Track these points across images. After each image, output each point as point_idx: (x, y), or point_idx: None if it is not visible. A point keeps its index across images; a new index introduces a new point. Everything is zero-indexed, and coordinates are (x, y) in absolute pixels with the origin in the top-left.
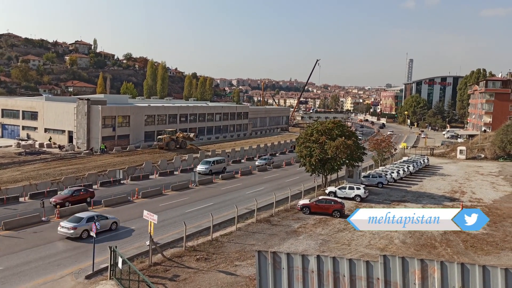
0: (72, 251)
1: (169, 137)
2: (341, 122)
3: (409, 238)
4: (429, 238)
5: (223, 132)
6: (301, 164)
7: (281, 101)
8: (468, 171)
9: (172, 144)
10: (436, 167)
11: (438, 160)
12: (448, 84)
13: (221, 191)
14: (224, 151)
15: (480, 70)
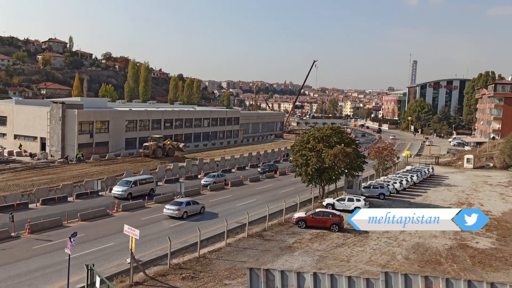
0: (45, 269)
1: (156, 144)
2: (340, 128)
3: (412, 253)
4: (433, 253)
5: (212, 139)
6: (297, 174)
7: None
8: (475, 181)
9: (159, 152)
10: (441, 177)
11: (443, 170)
12: (455, 88)
13: (209, 203)
14: (213, 160)
15: (488, 73)
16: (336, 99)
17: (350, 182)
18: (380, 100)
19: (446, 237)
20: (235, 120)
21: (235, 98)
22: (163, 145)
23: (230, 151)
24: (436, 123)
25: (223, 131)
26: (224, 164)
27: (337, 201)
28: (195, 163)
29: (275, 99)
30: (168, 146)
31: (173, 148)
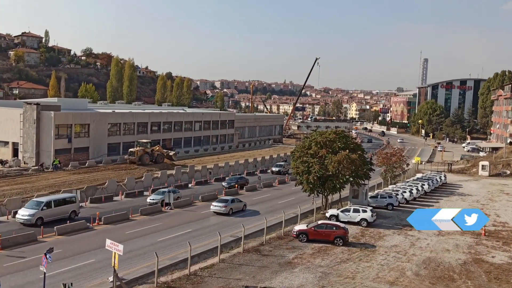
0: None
1: (143, 150)
2: (344, 133)
3: (423, 269)
4: (446, 269)
5: (204, 144)
6: (297, 183)
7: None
8: (491, 190)
9: (146, 159)
10: (454, 185)
11: (457, 177)
12: (469, 88)
13: (201, 215)
14: (205, 167)
15: (505, 72)
16: (340, 101)
17: (355, 192)
18: (388, 101)
19: (459, 251)
20: (229, 123)
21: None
22: (151, 151)
23: (224, 158)
24: (449, 127)
25: (216, 136)
26: (218, 172)
27: (341, 212)
28: (185, 171)
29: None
30: (156, 153)
31: (162, 155)
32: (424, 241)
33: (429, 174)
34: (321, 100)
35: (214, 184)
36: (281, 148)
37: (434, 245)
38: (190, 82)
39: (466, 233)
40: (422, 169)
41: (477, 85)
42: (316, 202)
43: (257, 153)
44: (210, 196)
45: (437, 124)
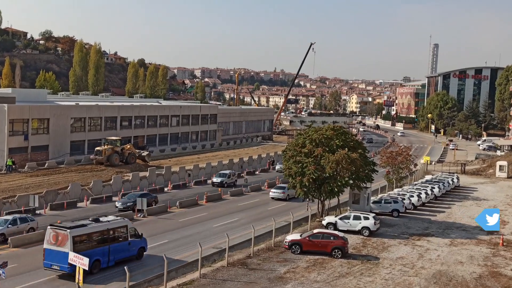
0: None
1: (112, 149)
2: (343, 129)
3: (433, 284)
4: (459, 284)
5: (183, 141)
6: (289, 186)
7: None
8: (510, 194)
9: (115, 159)
10: (468, 188)
11: (471, 180)
12: (485, 78)
13: (178, 223)
14: (183, 168)
15: None
16: (339, 92)
17: (356, 196)
18: (393, 93)
19: (474, 263)
20: (211, 118)
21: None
22: (121, 150)
23: (206, 157)
24: (462, 122)
25: (196, 132)
26: (198, 174)
27: (340, 219)
28: (160, 173)
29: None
30: (127, 152)
31: (133, 155)
32: (434, 252)
33: (440, 175)
34: (316, 92)
35: (194, 188)
36: (271, 146)
37: (445, 257)
38: (166, 70)
39: (482, 243)
40: (431, 170)
41: (494, 74)
42: (311, 208)
43: (243, 152)
44: (190, 202)
45: (449, 119)
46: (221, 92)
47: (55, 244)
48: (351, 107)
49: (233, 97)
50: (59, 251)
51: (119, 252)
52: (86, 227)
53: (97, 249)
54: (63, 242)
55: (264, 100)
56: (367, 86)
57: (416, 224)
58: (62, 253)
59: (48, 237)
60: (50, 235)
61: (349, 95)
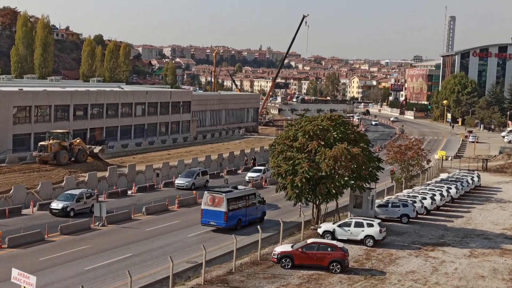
0: None
1: (59, 144)
2: (342, 118)
3: None
4: None
5: (150, 134)
6: (279, 187)
7: (246, 83)
8: None
9: (64, 156)
10: (491, 188)
11: (494, 178)
12: (510, 57)
13: (145, 233)
14: (151, 167)
15: None
16: (337, 74)
17: (358, 199)
18: (402, 75)
19: (498, 277)
20: (184, 106)
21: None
22: (69, 145)
23: (178, 154)
24: (484, 110)
25: (166, 123)
26: (169, 174)
27: (339, 227)
28: (123, 173)
29: (246, 73)
30: (77, 147)
31: (84, 151)
32: (450, 265)
33: (458, 173)
34: (310, 74)
35: (163, 191)
36: (256, 140)
37: (464, 270)
38: (128, 48)
39: (507, 254)
40: (447, 167)
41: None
42: (305, 214)
43: (223, 147)
44: (158, 207)
45: (468, 106)
46: (196, 75)
47: (211, 205)
48: (352, 92)
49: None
50: (216, 210)
51: (251, 214)
52: (234, 192)
53: (240, 210)
54: (219, 203)
55: (248, 84)
56: (371, 67)
57: (430, 231)
58: (218, 212)
59: (205, 200)
60: (207, 198)
61: (350, 78)
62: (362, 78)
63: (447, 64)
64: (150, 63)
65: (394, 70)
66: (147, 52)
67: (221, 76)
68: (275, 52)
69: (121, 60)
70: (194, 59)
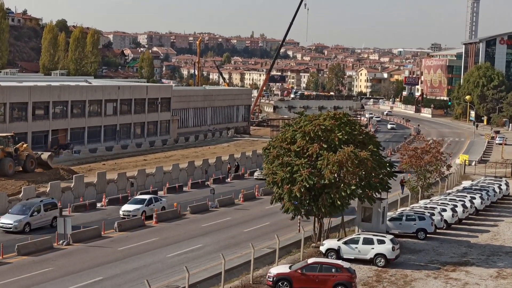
0: None
1: (2, 151)
2: (348, 117)
3: None
4: None
5: (123, 137)
6: (274, 198)
7: (235, 76)
8: None
9: (9, 165)
10: None
11: None
12: None
13: (117, 253)
14: (124, 176)
15: None
16: (342, 65)
17: (367, 211)
18: (418, 66)
19: None
20: (163, 104)
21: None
22: (14, 152)
23: (156, 160)
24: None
25: (141, 124)
26: (145, 183)
27: (345, 244)
28: (91, 182)
29: (236, 64)
30: (24, 154)
31: (32, 157)
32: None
33: (483, 181)
34: (311, 65)
35: None
36: (247, 142)
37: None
38: (97, 36)
39: None
40: (471, 174)
41: None
42: (305, 229)
43: (208, 151)
44: (133, 223)
45: (495, 102)
46: (177, 67)
47: None
48: (360, 87)
49: (194, 73)
50: None
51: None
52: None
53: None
54: None
55: (238, 77)
56: (381, 57)
57: (450, 249)
58: None
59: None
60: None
61: (357, 69)
62: (371, 70)
63: (470, 53)
64: (123, 53)
65: (409, 61)
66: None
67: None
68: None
69: (88, 49)
70: (174, 48)
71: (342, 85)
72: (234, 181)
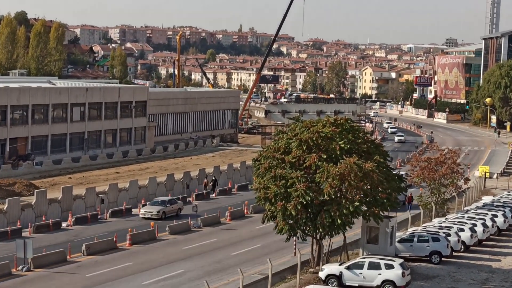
0: None
1: None
2: (350, 123)
3: None
4: None
5: (91, 146)
6: (266, 217)
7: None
8: None
9: None
10: None
11: None
12: None
13: (85, 280)
14: (93, 191)
15: None
16: (344, 64)
17: (373, 231)
18: (431, 64)
19: None
20: (138, 108)
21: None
22: None
23: (130, 172)
24: None
25: (113, 131)
26: (117, 199)
27: (347, 269)
28: (55, 198)
29: (222, 62)
30: None
31: None
32: None
33: (506, 196)
34: (308, 64)
35: (110, 222)
36: (235, 152)
37: None
38: (62, 30)
39: None
40: (492, 188)
41: None
42: (302, 252)
43: (190, 162)
44: (104, 245)
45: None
46: (154, 66)
47: None
48: (364, 88)
49: (173, 73)
50: None
51: None
52: None
53: None
54: None
55: (224, 77)
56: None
57: (469, 274)
58: None
59: None
60: None
61: (360, 68)
62: (377, 68)
63: (491, 50)
64: (92, 50)
65: (420, 58)
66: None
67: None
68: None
69: (52, 46)
70: (151, 44)
71: (343, 86)
72: (221, 197)
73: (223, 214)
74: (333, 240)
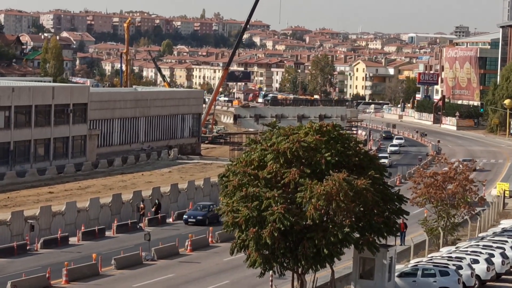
0: None
1: None
2: (339, 130)
3: None
4: None
5: (19, 160)
6: (235, 247)
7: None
8: None
9: None
10: None
11: None
12: None
13: None
14: (21, 215)
15: None
16: (331, 58)
17: (367, 263)
18: (437, 58)
19: None
20: (77, 112)
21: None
22: None
23: (66, 192)
24: None
25: (45, 141)
26: (51, 226)
27: None
28: None
29: (180, 56)
30: None
31: None
32: None
33: None
34: (287, 57)
35: (42, 254)
36: (197, 167)
37: None
38: None
39: None
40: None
41: None
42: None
43: (141, 180)
44: (34, 282)
45: None
46: (96, 60)
47: None
48: (356, 87)
49: (120, 69)
50: None
51: None
52: None
53: None
54: None
55: (183, 74)
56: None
57: None
58: None
59: None
60: None
61: (351, 63)
62: (372, 63)
63: (510, 40)
64: (19, 40)
65: (424, 51)
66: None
67: (139, 61)
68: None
69: None
70: (92, 34)
71: (330, 85)
72: (178, 222)
73: (182, 243)
74: (319, 275)
